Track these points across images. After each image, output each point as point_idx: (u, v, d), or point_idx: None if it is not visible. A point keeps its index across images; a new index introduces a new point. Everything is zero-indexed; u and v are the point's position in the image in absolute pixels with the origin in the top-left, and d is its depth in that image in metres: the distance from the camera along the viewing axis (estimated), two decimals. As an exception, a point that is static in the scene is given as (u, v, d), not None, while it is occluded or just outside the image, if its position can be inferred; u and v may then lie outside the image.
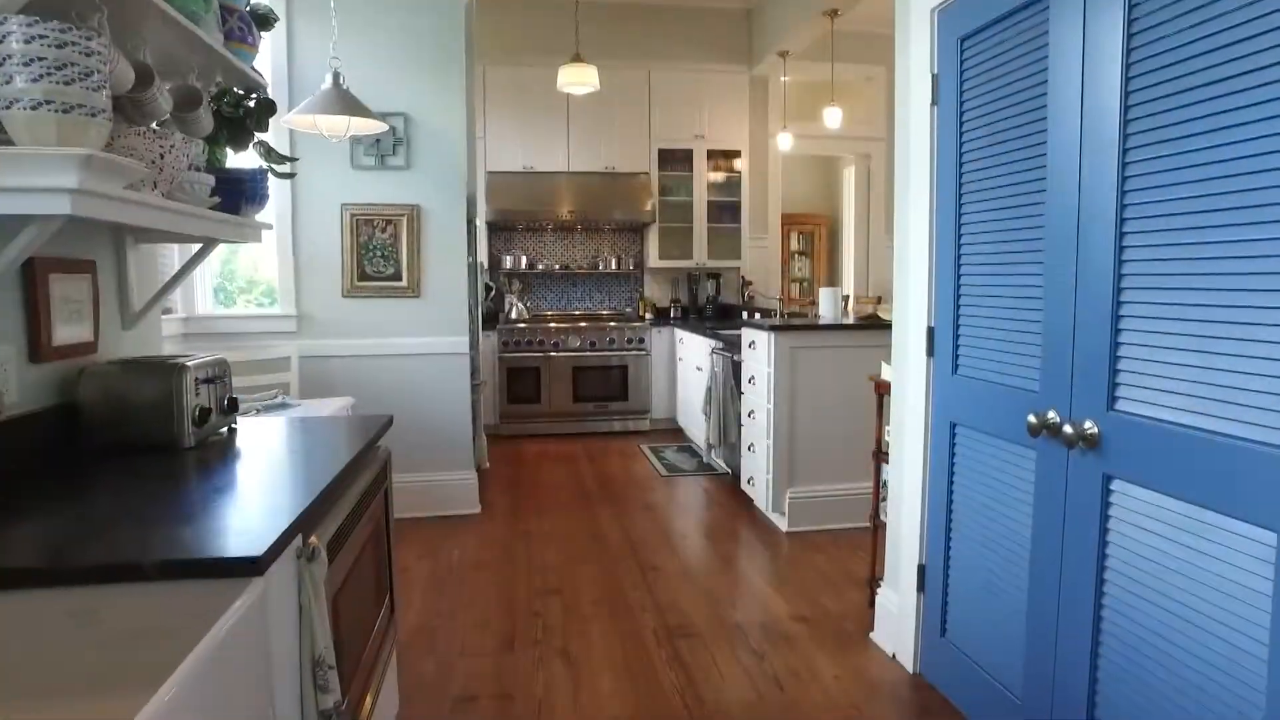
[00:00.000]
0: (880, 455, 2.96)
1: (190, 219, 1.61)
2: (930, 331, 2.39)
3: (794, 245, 9.02)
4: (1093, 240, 1.68)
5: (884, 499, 2.96)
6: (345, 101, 3.12)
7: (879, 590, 2.81)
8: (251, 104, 2.08)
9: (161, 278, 3.86)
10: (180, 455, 1.65)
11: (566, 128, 6.59)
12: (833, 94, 6.54)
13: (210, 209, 1.73)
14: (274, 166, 2.06)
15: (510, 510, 4.40)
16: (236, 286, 5.87)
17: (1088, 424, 1.69)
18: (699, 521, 4.20)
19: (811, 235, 9.05)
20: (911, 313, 2.49)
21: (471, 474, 4.35)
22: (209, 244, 1.97)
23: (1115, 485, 1.65)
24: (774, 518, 4.08)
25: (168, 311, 3.91)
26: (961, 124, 2.20)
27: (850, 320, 4.14)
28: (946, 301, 2.30)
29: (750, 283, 7.12)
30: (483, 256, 6.69)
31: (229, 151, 2.09)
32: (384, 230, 4.15)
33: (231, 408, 1.88)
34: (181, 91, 1.70)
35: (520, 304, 6.66)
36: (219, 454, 1.69)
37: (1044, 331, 1.85)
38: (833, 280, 8.94)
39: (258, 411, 3.06)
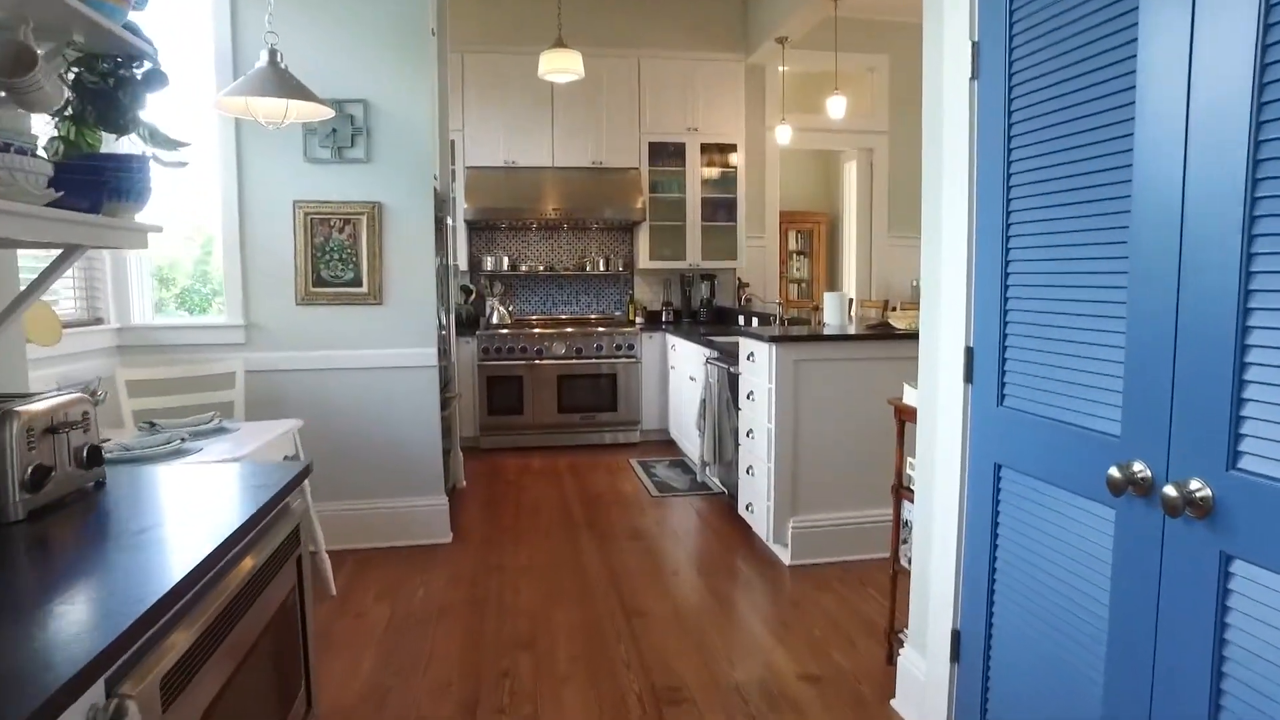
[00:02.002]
0: (902, 490, 2.57)
1: (6, 218, 1.20)
2: (969, 353, 1.99)
3: (791, 244, 8.62)
4: (1205, 243, 1.28)
5: (905, 540, 2.57)
6: (283, 82, 2.71)
7: (901, 651, 2.41)
8: (138, 75, 1.67)
9: (93, 284, 3.46)
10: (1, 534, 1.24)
11: (551, 120, 6.18)
12: (836, 82, 6.14)
13: (49, 205, 1.32)
14: (159, 153, 1.65)
15: (485, 538, 3.99)
16: (210, 289, 5.44)
17: (1195, 485, 1.29)
18: (692, 553, 3.80)
19: (810, 234, 8.65)
20: (944, 329, 2.09)
21: (441, 499, 3.94)
22: (70, 250, 1.56)
23: (1236, 568, 1.25)
24: (775, 549, 3.68)
25: (97, 322, 3.50)
26: (1010, 101, 1.80)
27: (860, 330, 3.74)
28: (989, 317, 1.90)
29: (747, 285, 6.73)
30: (462, 258, 6.28)
31: (103, 135, 1.68)
32: (342, 230, 3.73)
33: (93, 460, 1.47)
34: (4, 50, 1.29)
35: (502, 308, 6.25)
36: (58, 530, 1.28)
37: (1128, 360, 1.46)
38: (833, 281, 8.56)
39: (182, 440, 2.65)
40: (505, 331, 5.96)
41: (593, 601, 3.21)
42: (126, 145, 1.91)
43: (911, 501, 2.43)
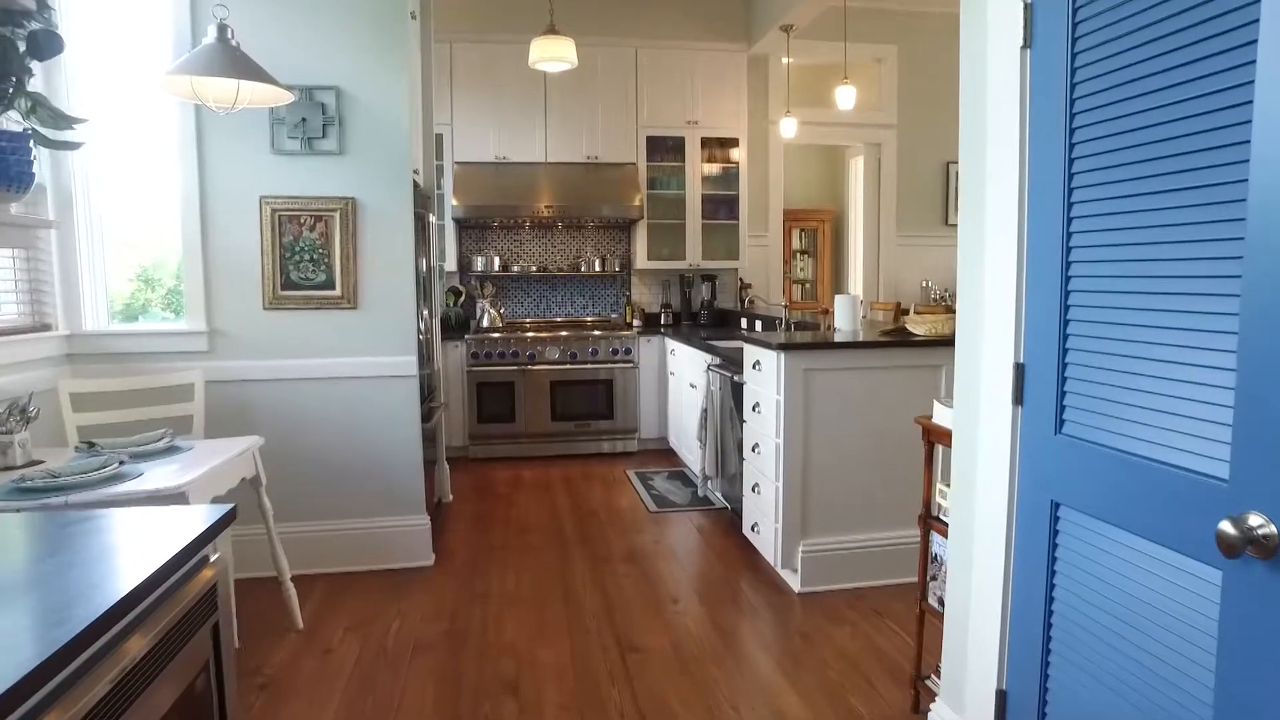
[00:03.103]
0: (930, 520, 2.28)
1: None
2: (1019, 370, 1.70)
3: (796, 243, 8.32)
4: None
5: (934, 577, 2.28)
6: (234, 61, 2.42)
7: (933, 705, 2.12)
8: (18, 37, 1.37)
9: (39, 286, 3.13)
10: None
11: (544, 114, 5.88)
12: (845, 72, 5.85)
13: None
14: (42, 129, 1.35)
15: (469, 561, 3.69)
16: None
17: (1346, 551, 1.01)
18: (693, 578, 3.50)
19: (815, 232, 8.36)
20: (987, 341, 1.80)
21: (423, 519, 3.64)
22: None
23: (1406, 662, 0.97)
24: (784, 574, 3.39)
25: (44, 328, 3.21)
26: (1072, 71, 1.52)
27: (874, 335, 3.45)
28: (1045, 327, 1.61)
29: (749, 285, 6.44)
30: (450, 258, 5.99)
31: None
32: (313, 228, 3.44)
33: (-52, 511, 1.18)
34: None
35: (493, 310, 5.96)
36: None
37: (1241, 384, 1.17)
38: (839, 282, 8.27)
39: (121, 464, 2.35)
40: (496, 335, 5.66)
41: (584, 635, 2.92)
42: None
43: (943, 535, 2.15)
